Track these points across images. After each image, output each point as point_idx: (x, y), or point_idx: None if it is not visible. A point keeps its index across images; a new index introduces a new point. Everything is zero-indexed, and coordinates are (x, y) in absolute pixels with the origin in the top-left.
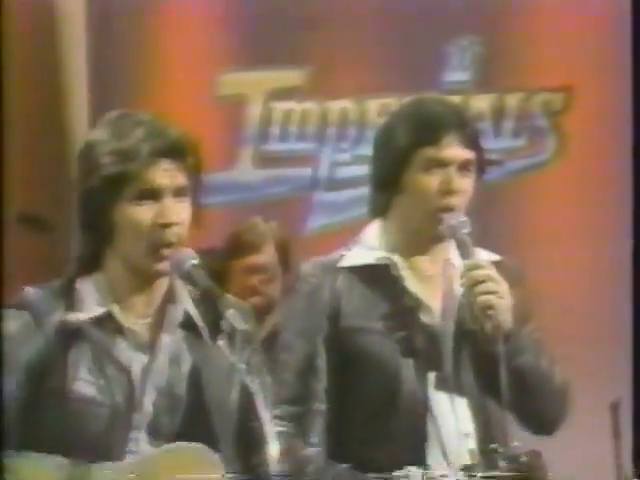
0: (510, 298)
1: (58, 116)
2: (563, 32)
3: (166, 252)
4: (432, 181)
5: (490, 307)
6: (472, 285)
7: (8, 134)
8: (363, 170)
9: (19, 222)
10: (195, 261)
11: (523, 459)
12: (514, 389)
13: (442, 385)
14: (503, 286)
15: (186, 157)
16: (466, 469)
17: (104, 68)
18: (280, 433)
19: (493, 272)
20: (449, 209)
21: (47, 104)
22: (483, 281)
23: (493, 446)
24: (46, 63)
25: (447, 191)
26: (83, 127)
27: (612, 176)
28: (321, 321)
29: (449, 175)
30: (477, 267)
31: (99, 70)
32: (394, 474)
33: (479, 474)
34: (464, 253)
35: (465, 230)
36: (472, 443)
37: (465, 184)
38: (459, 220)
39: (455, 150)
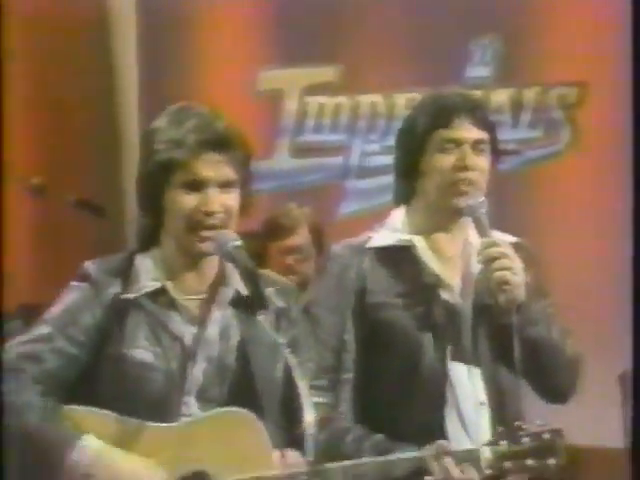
0: (523, 274)
1: (112, 110)
2: (578, 29)
3: (207, 234)
4: (448, 159)
5: (505, 282)
6: (488, 261)
7: (68, 129)
8: (391, 159)
9: (77, 207)
10: (237, 242)
11: (546, 436)
12: (527, 359)
13: (460, 357)
14: (517, 263)
15: (233, 150)
16: (490, 444)
17: (155, 66)
18: (317, 404)
19: (508, 250)
20: (465, 183)
21: (102, 99)
22: (498, 258)
23: (517, 423)
24: (101, 61)
25: (462, 167)
26: (134, 121)
27: (625, 166)
28: (349, 298)
29: (463, 152)
30: (493, 245)
31: (150, 67)
32: (425, 448)
33: (504, 446)
34: (481, 231)
35: (483, 210)
36: (487, 412)
37: (479, 161)
38: (477, 201)
39: (467, 130)
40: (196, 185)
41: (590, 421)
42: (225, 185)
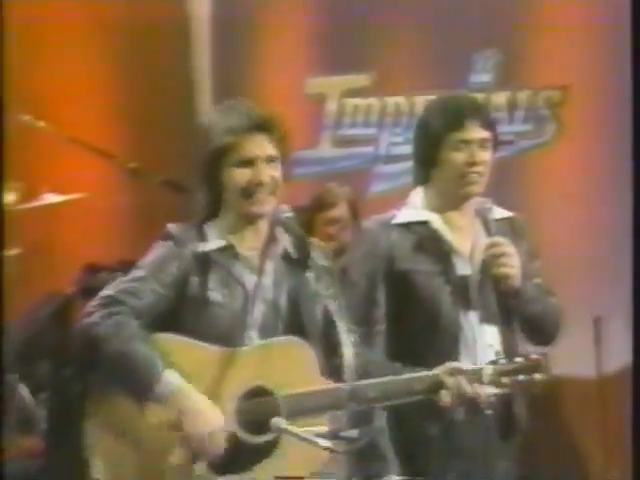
0: (519, 266)
1: (190, 105)
2: (564, 42)
3: (259, 197)
4: (460, 156)
5: (505, 276)
6: (493, 257)
7: (156, 121)
8: (411, 149)
9: (164, 185)
10: (289, 214)
11: (534, 357)
12: (523, 323)
13: (470, 309)
14: (514, 259)
15: (273, 131)
16: (491, 362)
17: (225, 67)
18: (352, 341)
19: (508, 248)
20: (474, 175)
21: (183, 96)
22: (501, 255)
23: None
24: (182, 61)
25: (471, 163)
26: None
27: (599, 152)
28: (380, 264)
29: (472, 150)
30: (496, 245)
31: (221, 68)
32: (440, 367)
33: (501, 365)
34: (488, 231)
35: (490, 213)
36: (493, 352)
37: (485, 156)
38: (485, 206)
39: (476, 132)
40: (247, 162)
41: (569, 356)
42: (270, 160)
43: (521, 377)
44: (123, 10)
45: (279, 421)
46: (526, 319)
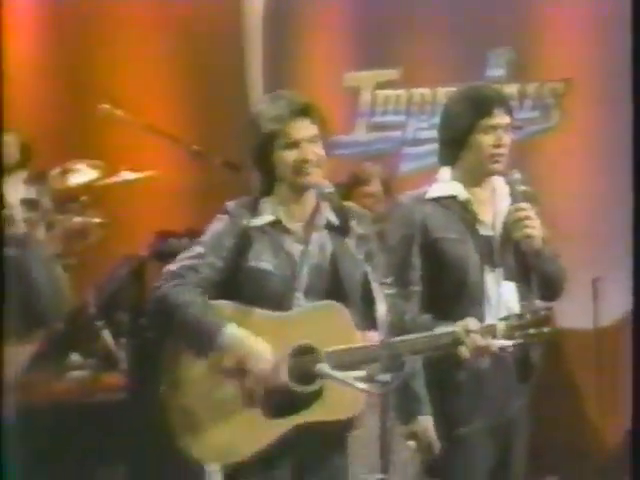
0: (540, 229)
1: (244, 92)
2: (566, 40)
3: (306, 170)
4: (488, 138)
5: (528, 236)
6: (517, 221)
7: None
8: (434, 133)
9: (224, 166)
10: (330, 189)
11: (542, 312)
12: (538, 280)
13: (493, 270)
14: (536, 222)
15: (314, 115)
16: (504, 319)
17: (272, 62)
18: (386, 298)
19: (531, 213)
20: (500, 155)
21: (238, 87)
22: (525, 219)
23: (523, 304)
24: (237, 54)
25: (498, 145)
26: (258, 95)
27: (597, 135)
28: (415, 233)
29: (498, 134)
30: (521, 209)
31: (271, 63)
32: (458, 324)
33: (513, 321)
34: (514, 198)
35: (518, 183)
36: (511, 307)
37: (508, 139)
38: (514, 177)
39: (502, 118)
40: (293, 144)
41: (571, 311)
42: (312, 140)
43: (531, 331)
44: (186, 11)
45: (324, 366)
46: (542, 276)
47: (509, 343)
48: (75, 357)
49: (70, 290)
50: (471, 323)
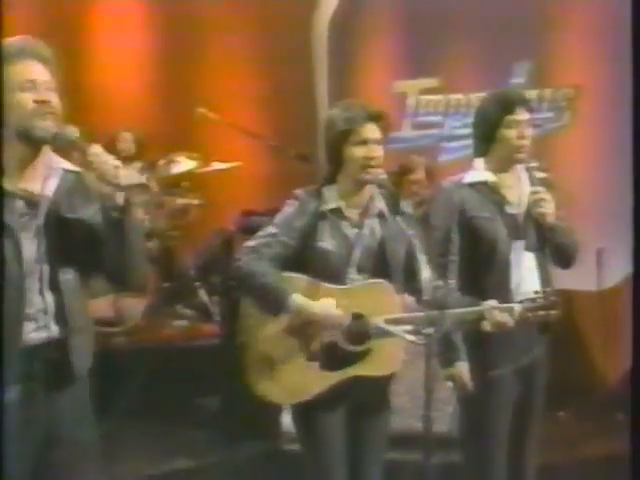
0: (554, 208)
1: (312, 97)
2: (576, 54)
3: (370, 170)
4: (513, 132)
5: (543, 215)
6: (535, 201)
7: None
8: (467, 131)
9: (295, 158)
10: (384, 176)
11: (552, 298)
12: (554, 251)
13: (518, 240)
14: (550, 203)
15: (382, 122)
16: (520, 302)
17: (335, 71)
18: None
19: (546, 195)
20: (524, 147)
21: (307, 91)
22: (541, 200)
23: (535, 290)
24: (307, 65)
25: (522, 138)
26: (325, 103)
27: (602, 131)
28: (454, 212)
29: (522, 129)
30: (538, 192)
31: (333, 72)
32: (483, 304)
33: (527, 304)
34: (532, 183)
35: (535, 171)
36: (534, 273)
37: (529, 133)
38: (532, 165)
39: (524, 115)
40: (363, 142)
41: (578, 276)
42: (378, 142)
43: (541, 313)
44: (267, 31)
45: (379, 322)
46: (555, 247)
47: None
48: (179, 310)
49: (175, 257)
50: (494, 304)
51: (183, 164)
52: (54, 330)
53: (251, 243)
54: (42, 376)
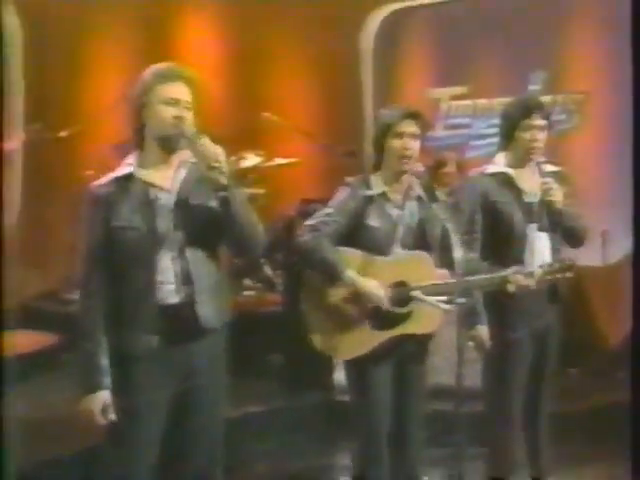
0: (561, 196)
1: (359, 102)
2: (584, 64)
3: (406, 160)
4: (528, 135)
5: (552, 201)
6: (546, 190)
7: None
8: (491, 131)
9: (344, 154)
10: (422, 169)
11: (567, 262)
12: (565, 231)
13: (532, 223)
14: (559, 192)
15: (418, 120)
16: (540, 267)
17: (379, 80)
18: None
19: (554, 185)
20: (537, 148)
21: (355, 96)
22: (550, 189)
23: (554, 256)
24: (356, 77)
25: (535, 140)
26: (370, 107)
27: (604, 131)
28: (478, 198)
29: (536, 132)
30: (547, 183)
31: (377, 80)
32: (507, 270)
33: (546, 268)
34: (542, 174)
35: (544, 165)
36: (548, 253)
37: (543, 136)
38: (541, 161)
39: (539, 120)
40: (400, 135)
41: (585, 253)
42: (413, 136)
43: (558, 275)
44: (322, 47)
45: (418, 293)
46: (566, 230)
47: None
48: (247, 282)
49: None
50: (517, 269)
51: (250, 160)
52: (180, 292)
53: (311, 222)
54: (171, 331)
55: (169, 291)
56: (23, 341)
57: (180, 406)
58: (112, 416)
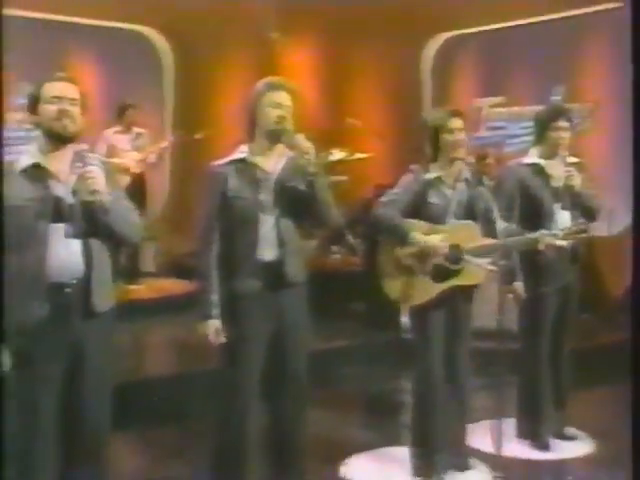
0: (580, 180)
1: (419, 108)
2: (596, 81)
3: (458, 149)
4: (556, 134)
5: (572, 185)
6: (567, 177)
7: (399, 117)
8: (523, 132)
9: (408, 149)
10: (470, 160)
11: (583, 225)
12: (583, 210)
13: (558, 202)
14: (577, 178)
15: (461, 116)
16: (561, 229)
17: (437, 88)
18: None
19: (574, 172)
20: (564, 144)
21: (415, 100)
22: (571, 175)
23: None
24: (417, 86)
25: (561, 138)
26: (429, 109)
27: (612, 132)
28: (516, 183)
29: (561, 133)
30: (570, 171)
31: (435, 88)
32: (539, 233)
33: (567, 229)
34: (565, 165)
35: (568, 158)
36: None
37: (568, 135)
38: (566, 154)
39: (564, 123)
40: (451, 131)
41: (595, 226)
42: (461, 131)
43: (576, 235)
44: (390, 61)
45: (470, 257)
46: (582, 208)
47: (565, 243)
48: (334, 248)
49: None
50: (545, 232)
51: (337, 154)
52: (275, 251)
53: (384, 199)
54: (268, 280)
55: (266, 249)
56: (174, 287)
57: (275, 336)
58: (223, 339)
